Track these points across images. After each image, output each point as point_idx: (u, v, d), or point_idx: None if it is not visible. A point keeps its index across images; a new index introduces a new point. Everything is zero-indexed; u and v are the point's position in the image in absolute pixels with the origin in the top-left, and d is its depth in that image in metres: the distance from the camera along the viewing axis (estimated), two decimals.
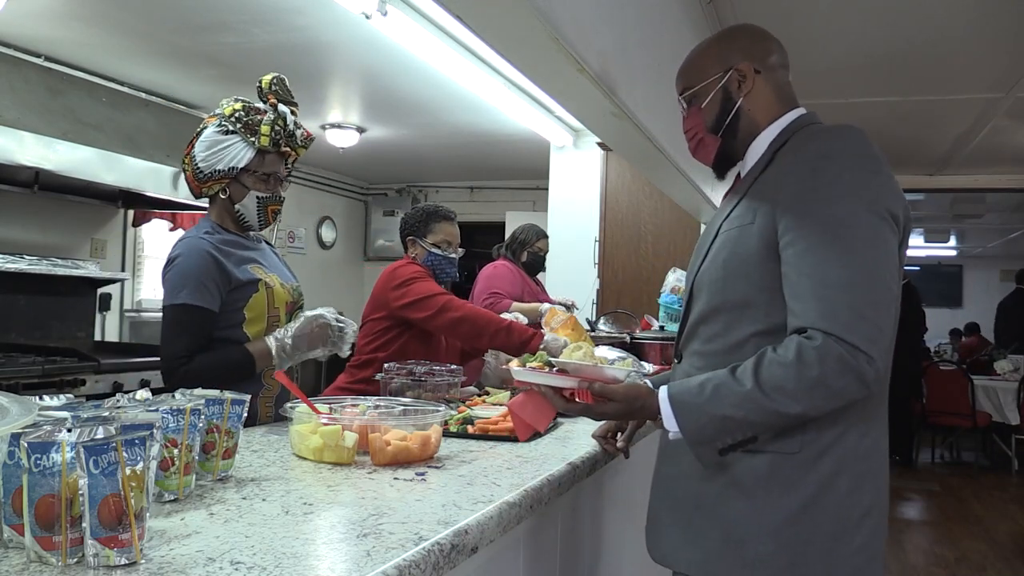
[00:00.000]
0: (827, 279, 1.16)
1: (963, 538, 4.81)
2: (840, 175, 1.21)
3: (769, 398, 1.16)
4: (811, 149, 1.27)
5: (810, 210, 1.21)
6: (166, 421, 1.15)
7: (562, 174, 5.59)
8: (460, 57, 3.73)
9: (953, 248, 12.00)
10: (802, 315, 1.17)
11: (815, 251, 1.18)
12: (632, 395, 1.33)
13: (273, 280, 1.99)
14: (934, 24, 3.34)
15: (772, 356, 1.18)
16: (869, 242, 1.18)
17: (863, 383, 1.14)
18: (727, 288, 1.30)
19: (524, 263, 4.02)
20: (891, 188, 1.23)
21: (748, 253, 1.27)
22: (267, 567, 0.91)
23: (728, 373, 1.21)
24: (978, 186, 6.51)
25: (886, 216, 1.20)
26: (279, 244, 6.78)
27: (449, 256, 2.81)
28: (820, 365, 1.13)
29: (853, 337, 1.13)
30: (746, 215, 1.30)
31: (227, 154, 1.93)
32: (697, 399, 1.22)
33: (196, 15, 3.58)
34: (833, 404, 1.17)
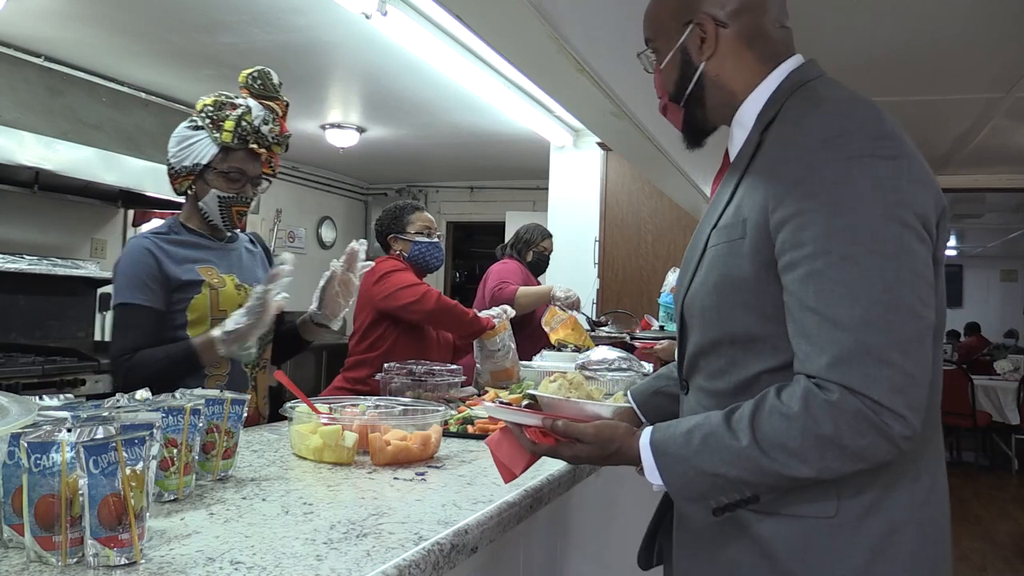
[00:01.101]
0: (838, 314, 0.91)
1: (963, 538, 4.81)
2: (848, 169, 0.93)
3: (768, 457, 0.94)
4: (808, 131, 0.98)
5: (811, 220, 0.94)
6: (166, 421, 1.15)
7: (562, 174, 5.59)
8: (460, 57, 3.73)
9: (953, 248, 12.00)
10: (808, 361, 0.93)
11: (820, 277, 0.92)
12: (605, 437, 1.09)
13: (226, 281, 1.90)
14: (934, 24, 3.34)
15: (774, 404, 0.95)
16: (891, 259, 0.91)
17: (891, 443, 0.90)
18: (724, 319, 1.06)
19: (529, 263, 4.01)
20: (918, 179, 0.96)
21: (742, 277, 1.03)
22: (267, 567, 0.91)
23: (722, 420, 0.98)
24: (978, 186, 6.51)
25: (912, 221, 0.93)
26: (279, 244, 6.78)
27: (433, 241, 2.90)
28: (833, 423, 0.90)
29: (874, 391, 0.89)
30: (735, 227, 1.05)
31: (193, 151, 1.88)
32: (684, 450, 1.00)
33: (196, 15, 3.58)
34: (854, 466, 0.93)
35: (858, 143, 0.94)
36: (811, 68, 1.11)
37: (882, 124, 0.97)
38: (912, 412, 0.90)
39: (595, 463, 1.15)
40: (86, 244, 4.81)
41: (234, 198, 1.91)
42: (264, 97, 1.94)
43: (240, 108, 1.88)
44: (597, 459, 1.11)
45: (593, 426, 1.10)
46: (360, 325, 2.79)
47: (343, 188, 7.79)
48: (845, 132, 0.95)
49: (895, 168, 0.94)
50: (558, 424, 1.11)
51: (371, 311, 2.74)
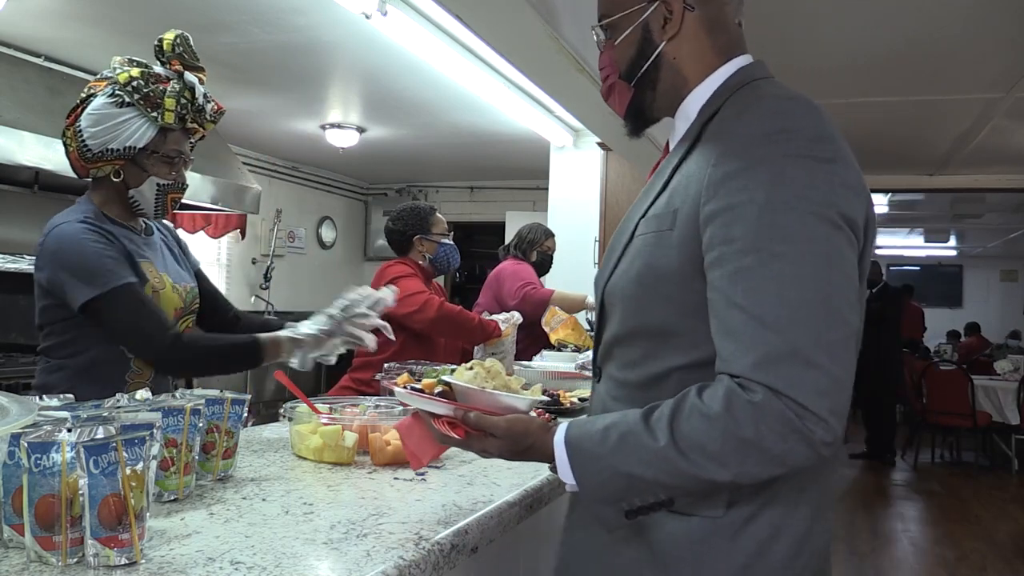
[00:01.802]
0: (765, 313, 0.88)
1: (963, 538, 4.81)
2: (784, 167, 0.91)
3: (687, 459, 0.90)
4: (748, 125, 0.96)
5: (741, 216, 0.91)
6: (166, 421, 1.15)
7: (562, 174, 5.59)
8: (460, 57, 3.73)
9: (953, 248, 12.00)
10: (733, 360, 0.90)
11: (748, 275, 0.90)
12: (518, 431, 1.04)
13: (164, 281, 1.70)
14: (934, 24, 3.33)
15: (695, 403, 0.91)
16: (822, 260, 0.89)
17: (811, 448, 0.87)
18: (643, 310, 1.03)
19: (533, 263, 3.98)
20: (850, 183, 0.94)
21: (668, 269, 0.99)
22: (267, 567, 0.91)
23: (640, 419, 0.94)
24: (978, 186, 6.51)
25: (841, 223, 0.92)
26: (279, 244, 6.78)
27: (452, 243, 2.98)
28: (755, 425, 0.87)
29: (800, 393, 0.86)
30: (665, 217, 1.01)
31: (122, 131, 1.61)
32: (599, 448, 0.96)
33: (196, 15, 3.58)
34: (772, 471, 0.90)
35: (797, 142, 0.93)
36: (759, 68, 1.09)
37: (822, 126, 0.95)
38: (835, 417, 0.87)
39: (507, 459, 1.09)
40: None
41: (172, 185, 1.69)
42: (192, 67, 1.70)
43: (173, 83, 1.65)
44: (509, 454, 1.07)
45: (506, 420, 1.05)
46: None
47: (343, 188, 7.79)
48: (785, 130, 0.94)
49: (830, 171, 0.93)
50: (469, 416, 1.06)
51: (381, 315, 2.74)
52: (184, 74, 1.67)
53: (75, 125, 1.63)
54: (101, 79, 1.65)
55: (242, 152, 6.10)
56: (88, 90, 1.65)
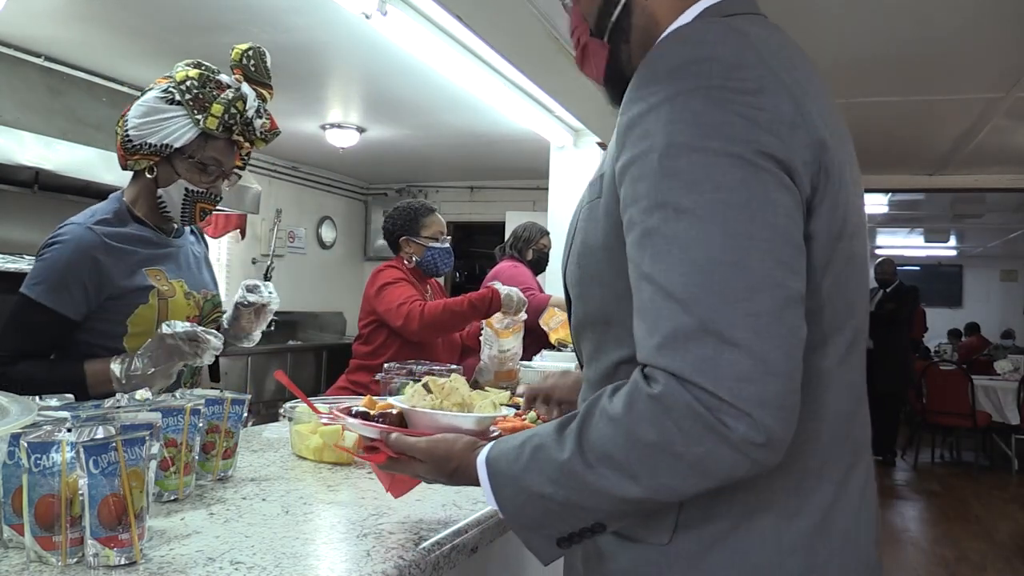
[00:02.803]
0: (671, 282, 0.71)
1: (963, 538, 4.81)
2: (688, 103, 0.74)
3: (594, 471, 0.74)
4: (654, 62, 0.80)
5: (643, 168, 0.75)
6: (166, 421, 1.15)
7: (562, 174, 5.59)
8: (460, 57, 3.73)
9: (953, 248, 12.00)
10: (641, 344, 0.74)
11: (654, 236, 0.73)
12: (440, 454, 0.92)
13: (175, 288, 1.66)
14: (934, 24, 3.33)
15: (604, 404, 0.75)
16: (737, 210, 0.71)
17: (737, 450, 0.68)
18: (584, 296, 0.90)
19: (530, 261, 4.00)
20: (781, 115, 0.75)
21: (597, 244, 0.85)
22: (267, 567, 0.91)
23: (555, 428, 0.79)
24: (978, 186, 6.51)
25: (763, 163, 0.73)
26: (279, 244, 6.78)
27: (445, 247, 2.86)
28: (658, 423, 0.70)
29: (710, 379, 0.68)
30: (595, 184, 0.88)
31: (164, 127, 1.58)
32: (512, 467, 0.81)
33: (196, 15, 3.58)
34: (695, 483, 0.71)
35: (708, 72, 0.75)
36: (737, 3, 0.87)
37: (744, 52, 0.77)
38: (764, 410, 0.67)
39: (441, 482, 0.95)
40: None
41: (203, 194, 1.65)
42: (256, 82, 1.68)
43: (230, 91, 1.63)
44: (440, 478, 0.94)
45: (427, 441, 0.93)
46: (365, 327, 2.79)
47: (343, 188, 7.79)
48: (695, 60, 0.76)
49: (751, 103, 0.74)
50: (390, 438, 0.96)
51: (375, 317, 2.74)
52: (243, 85, 1.65)
53: (126, 116, 1.63)
54: (164, 77, 1.66)
55: None
56: (149, 86, 1.66)
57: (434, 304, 2.67)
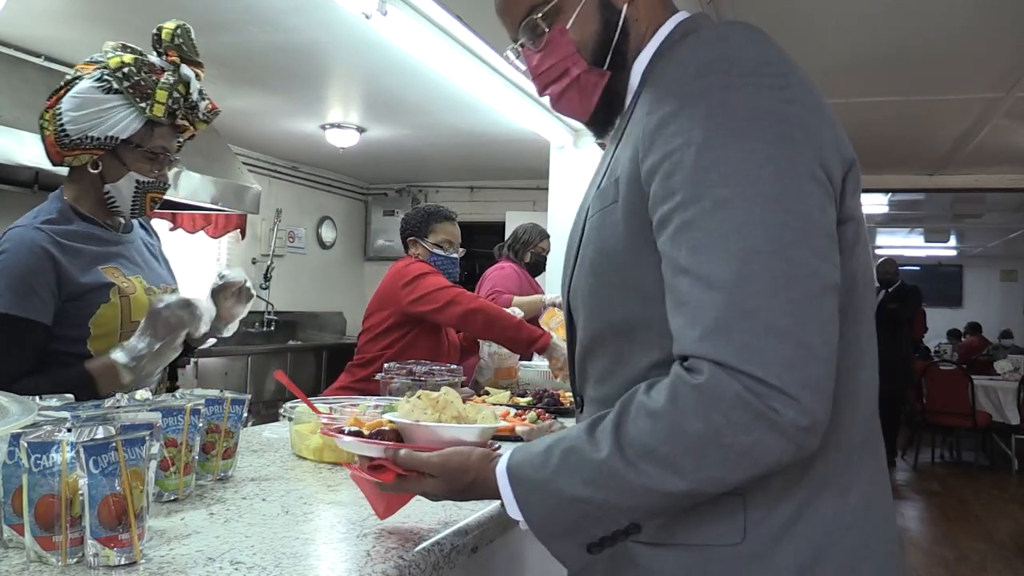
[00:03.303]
0: (711, 272, 0.72)
1: (963, 538, 4.81)
2: (724, 99, 0.76)
3: (635, 469, 0.73)
4: (681, 62, 0.81)
5: (680, 162, 0.75)
6: (166, 421, 1.15)
7: (562, 174, 5.59)
8: (460, 57, 3.73)
9: (953, 248, 12.00)
10: (681, 337, 0.74)
11: (691, 229, 0.74)
12: (454, 467, 0.88)
13: (135, 285, 1.58)
14: (934, 24, 3.33)
15: (641, 400, 0.75)
16: (774, 202, 0.72)
17: (783, 436, 0.69)
18: (604, 306, 0.87)
19: (527, 264, 4.01)
20: (809, 106, 0.78)
21: (616, 248, 0.84)
22: (267, 567, 0.91)
23: (585, 429, 0.79)
24: (978, 186, 6.52)
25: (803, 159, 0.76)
26: (279, 244, 6.78)
27: (451, 256, 2.84)
28: (704, 413, 0.69)
29: (756, 365, 0.68)
30: (608, 190, 0.86)
31: (106, 119, 1.49)
32: (540, 473, 0.80)
33: (196, 15, 3.56)
34: (742, 473, 0.71)
35: (738, 69, 0.77)
36: (703, 18, 0.93)
37: (767, 50, 0.79)
38: (809, 393, 0.68)
39: (453, 499, 0.92)
40: None
41: (153, 183, 1.58)
42: (190, 61, 1.58)
43: (168, 75, 1.53)
44: (452, 495, 0.91)
45: (440, 455, 0.89)
46: (377, 325, 2.73)
47: (343, 188, 7.79)
48: (723, 58, 0.78)
49: (781, 96, 0.77)
50: (399, 454, 0.91)
51: (395, 313, 2.69)
52: (180, 67, 1.55)
53: (55, 107, 1.51)
54: (90, 62, 1.55)
55: (242, 152, 6.09)
56: (75, 72, 1.55)
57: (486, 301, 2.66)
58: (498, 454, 0.88)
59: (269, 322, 6.53)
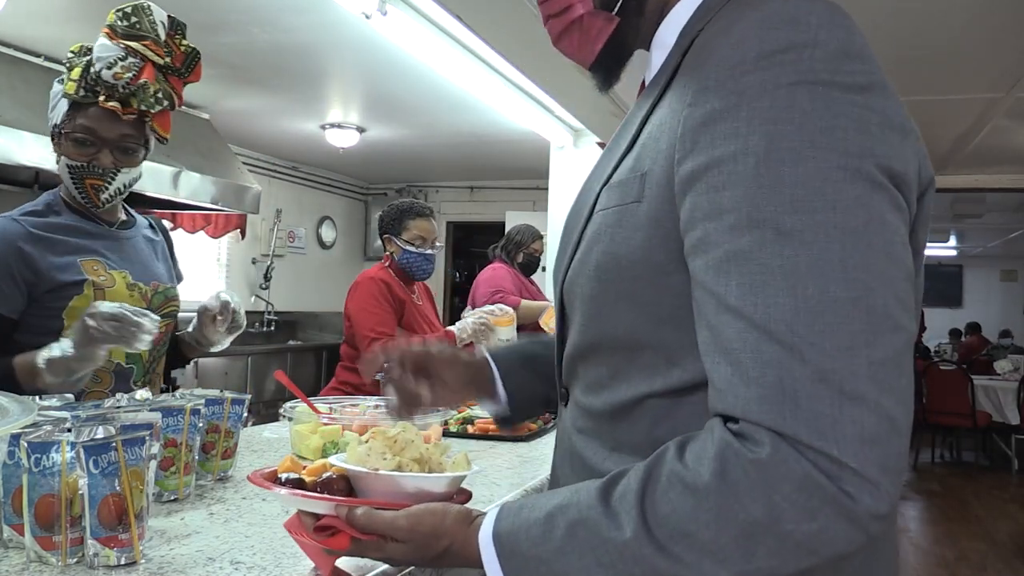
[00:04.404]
0: (772, 320, 0.58)
1: (963, 538, 4.81)
2: (794, 99, 0.61)
3: (666, 554, 0.60)
4: (739, 43, 0.64)
5: (732, 176, 0.61)
6: (166, 421, 1.15)
7: (562, 174, 5.59)
8: (460, 57, 3.73)
9: (953, 248, 12.00)
10: (728, 393, 0.60)
11: (746, 262, 0.60)
12: (426, 531, 0.72)
13: (115, 278, 1.56)
14: (934, 24, 3.34)
15: (674, 469, 0.61)
16: (855, 236, 0.59)
17: (855, 524, 0.57)
18: (604, 314, 0.74)
19: (520, 264, 4.04)
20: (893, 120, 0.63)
21: (633, 257, 0.70)
22: (267, 567, 0.91)
23: (598, 498, 0.64)
24: (978, 186, 6.51)
25: (882, 179, 0.61)
26: (279, 244, 6.78)
27: (424, 253, 2.83)
28: (765, 497, 0.57)
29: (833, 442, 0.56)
30: (630, 184, 0.71)
31: (53, 108, 1.54)
32: (540, 549, 0.65)
33: (196, 15, 3.56)
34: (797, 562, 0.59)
35: (812, 62, 0.61)
36: None
37: (851, 38, 0.63)
38: (889, 476, 0.57)
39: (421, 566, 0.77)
40: None
41: (86, 168, 1.52)
42: (132, 38, 1.48)
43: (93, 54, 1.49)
44: (421, 562, 0.75)
45: (407, 516, 0.73)
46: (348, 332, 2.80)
47: (343, 188, 7.79)
48: (792, 46, 0.62)
49: (864, 104, 0.62)
50: (357, 514, 0.73)
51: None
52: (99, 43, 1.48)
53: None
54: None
55: (242, 152, 6.09)
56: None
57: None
58: (477, 514, 0.73)
59: (269, 322, 6.54)
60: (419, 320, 2.83)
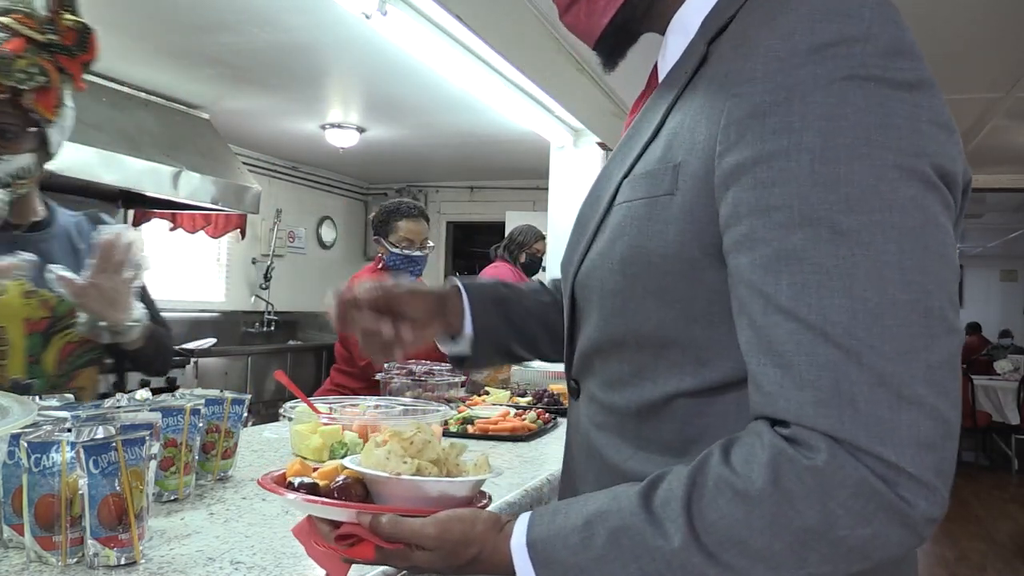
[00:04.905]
0: (827, 321, 0.57)
1: (963, 538, 4.81)
2: (846, 95, 0.60)
3: (717, 563, 0.59)
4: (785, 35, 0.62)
5: (782, 172, 0.60)
6: (166, 421, 1.15)
7: (562, 174, 5.59)
8: (461, 57, 3.73)
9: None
10: (777, 397, 0.59)
11: (798, 261, 0.59)
12: (454, 538, 0.68)
13: (8, 288, 1.41)
14: (934, 24, 3.34)
15: (722, 474, 0.60)
16: (911, 236, 0.58)
17: (910, 529, 0.57)
18: (631, 310, 0.72)
19: (522, 264, 4.04)
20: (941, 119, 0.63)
21: (665, 251, 0.68)
22: (267, 567, 0.91)
23: (639, 504, 0.62)
24: (978, 186, 6.51)
25: (935, 179, 0.60)
26: (279, 244, 6.78)
27: (411, 255, 2.83)
28: (821, 504, 0.56)
29: (891, 447, 0.55)
30: (661, 175, 0.69)
31: None
32: (579, 557, 0.63)
33: (196, 15, 3.57)
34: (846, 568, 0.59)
35: (864, 58, 0.60)
36: None
37: (902, 32, 0.62)
38: (943, 480, 0.58)
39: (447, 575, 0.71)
40: None
41: None
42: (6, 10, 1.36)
43: None
44: (448, 570, 0.70)
45: (435, 523, 0.69)
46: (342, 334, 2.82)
47: (343, 188, 7.79)
48: (844, 40, 0.60)
49: (915, 102, 0.61)
50: (381, 522, 0.69)
51: None
52: None
53: None
54: None
55: (242, 152, 6.09)
56: None
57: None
58: (507, 520, 0.70)
59: (269, 322, 6.54)
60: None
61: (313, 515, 0.74)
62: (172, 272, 5.70)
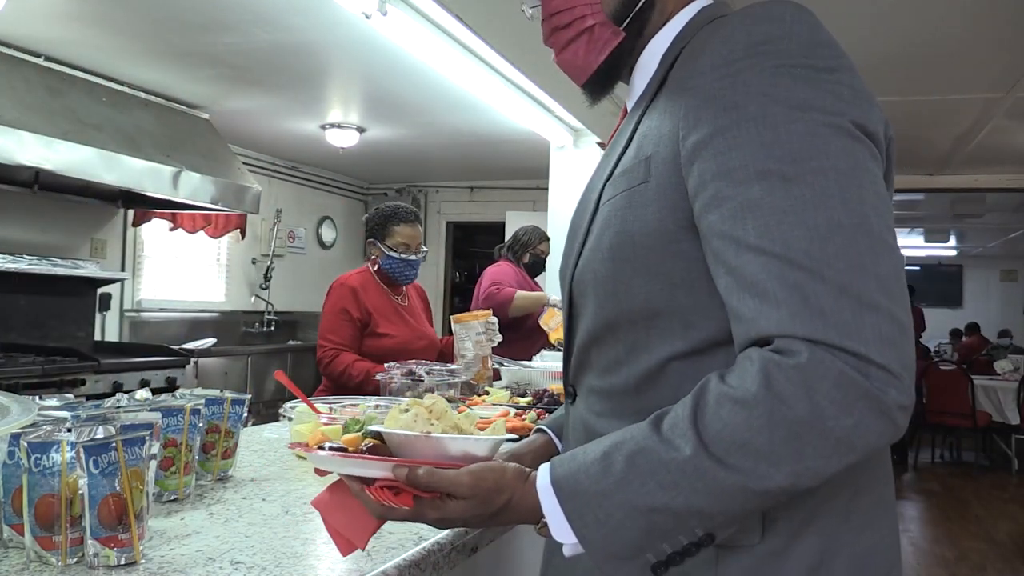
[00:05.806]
0: (790, 249, 0.67)
1: (963, 538, 4.81)
2: (778, 79, 0.73)
3: (726, 466, 0.66)
4: (727, 40, 0.77)
5: (737, 139, 0.72)
6: (166, 421, 1.15)
7: (562, 174, 5.59)
8: (460, 57, 3.73)
9: (953, 248, 12.00)
10: (759, 320, 0.68)
11: (759, 207, 0.70)
12: (488, 487, 0.75)
13: None
14: (934, 24, 3.34)
15: (720, 390, 0.68)
16: (847, 176, 0.70)
17: (886, 416, 0.65)
18: (622, 291, 0.81)
19: (526, 265, 4.04)
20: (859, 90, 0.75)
21: (645, 231, 0.79)
22: (267, 567, 0.91)
23: (650, 430, 0.71)
24: (978, 186, 6.51)
25: (859, 134, 0.73)
26: (279, 244, 6.78)
27: (407, 259, 2.84)
28: (808, 396, 0.64)
29: (860, 342, 0.64)
30: (635, 169, 0.81)
31: None
32: (601, 483, 0.70)
33: (196, 15, 3.57)
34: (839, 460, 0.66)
35: (788, 50, 0.74)
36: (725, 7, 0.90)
37: (818, 30, 0.76)
38: (907, 372, 0.66)
39: (475, 525, 0.79)
40: (86, 244, 4.81)
41: None
42: None
43: None
44: (478, 519, 0.77)
45: (469, 473, 0.75)
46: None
47: (343, 188, 7.79)
48: (771, 39, 0.75)
49: (835, 80, 0.74)
50: (419, 473, 0.75)
51: None
52: None
53: None
54: None
55: (242, 152, 6.09)
56: None
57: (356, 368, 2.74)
58: (530, 470, 0.77)
59: (269, 322, 6.53)
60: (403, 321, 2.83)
61: (345, 475, 0.79)
62: (172, 272, 5.70)
